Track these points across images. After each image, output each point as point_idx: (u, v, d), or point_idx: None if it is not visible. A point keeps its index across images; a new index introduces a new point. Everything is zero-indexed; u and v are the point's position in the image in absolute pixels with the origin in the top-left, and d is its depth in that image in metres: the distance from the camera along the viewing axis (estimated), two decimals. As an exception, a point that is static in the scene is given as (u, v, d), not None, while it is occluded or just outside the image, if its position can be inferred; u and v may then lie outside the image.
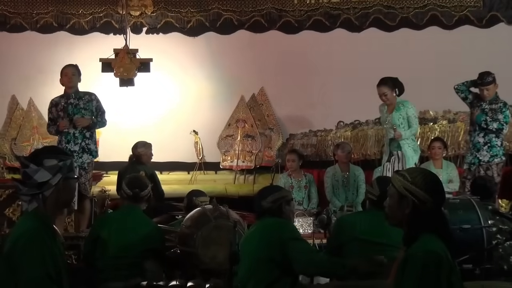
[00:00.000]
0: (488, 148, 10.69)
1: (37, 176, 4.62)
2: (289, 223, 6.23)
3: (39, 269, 4.47)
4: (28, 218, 4.77)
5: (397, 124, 10.50)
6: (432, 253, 4.28)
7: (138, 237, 7.66)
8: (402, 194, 4.42)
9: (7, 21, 14.22)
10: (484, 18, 14.05)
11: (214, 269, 7.36)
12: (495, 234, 7.86)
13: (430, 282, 4.24)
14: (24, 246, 4.53)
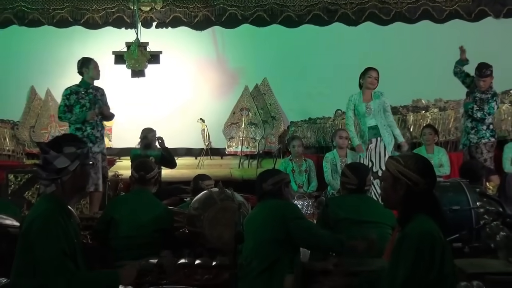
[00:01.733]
0: (475, 132, 10.95)
1: (56, 162, 4.66)
2: (290, 204, 6.29)
3: (54, 247, 4.48)
4: (45, 200, 4.79)
5: (378, 110, 10.39)
6: (427, 233, 4.30)
7: (149, 218, 7.68)
8: (396, 177, 4.45)
9: (25, 17, 14.21)
10: (473, 13, 14.04)
11: (220, 248, 7.34)
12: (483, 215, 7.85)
13: (425, 260, 4.26)
14: (40, 226, 4.54)
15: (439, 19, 14.16)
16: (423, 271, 4.26)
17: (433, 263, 4.28)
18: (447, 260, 4.38)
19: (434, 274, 4.27)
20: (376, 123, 10.45)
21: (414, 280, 4.27)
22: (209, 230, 7.52)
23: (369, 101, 10.43)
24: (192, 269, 6.76)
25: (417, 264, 4.27)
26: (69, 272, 4.54)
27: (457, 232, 7.43)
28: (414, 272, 4.26)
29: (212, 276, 6.71)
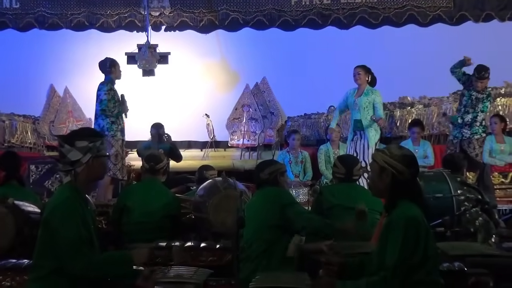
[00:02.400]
0: (469, 127, 10.75)
1: (70, 155, 4.66)
2: (285, 191, 6.30)
3: (72, 233, 4.48)
4: (64, 189, 4.79)
5: (363, 107, 10.39)
6: (412, 219, 4.34)
7: (158, 205, 7.71)
8: (382, 167, 4.50)
9: (45, 21, 14.19)
10: (454, 17, 14.01)
11: (223, 232, 7.36)
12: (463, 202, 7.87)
13: (411, 243, 4.30)
14: (60, 214, 4.55)
15: (423, 23, 14.12)
16: (409, 253, 4.30)
17: (417, 246, 4.31)
18: (430, 243, 4.41)
19: (419, 256, 4.31)
20: (360, 117, 10.45)
21: (402, 262, 4.30)
22: (213, 216, 7.54)
23: (359, 96, 10.48)
24: (198, 251, 6.78)
25: (404, 247, 4.31)
26: (86, 256, 4.55)
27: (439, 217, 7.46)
28: (401, 255, 4.30)
29: (216, 257, 6.73)
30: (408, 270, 4.34)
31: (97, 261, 4.61)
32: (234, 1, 14.28)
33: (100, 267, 4.62)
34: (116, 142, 10.24)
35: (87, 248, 4.56)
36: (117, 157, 10.24)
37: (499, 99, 13.57)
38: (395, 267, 4.31)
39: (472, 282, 5.22)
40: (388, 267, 4.35)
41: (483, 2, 13.97)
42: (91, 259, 4.56)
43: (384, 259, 4.40)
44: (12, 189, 7.62)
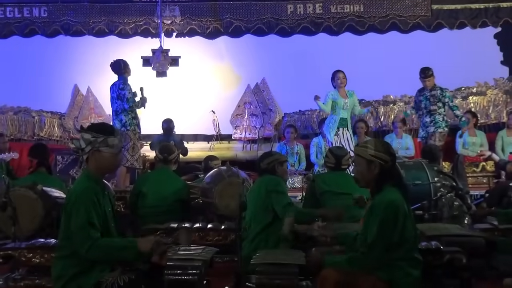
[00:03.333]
0: (433, 123, 10.84)
1: (79, 142, 4.70)
2: (276, 179, 6.22)
3: (82, 219, 4.49)
4: (81, 178, 4.84)
5: (350, 107, 10.81)
6: (391, 202, 4.39)
7: (170, 191, 7.74)
8: (369, 160, 4.53)
9: (70, 28, 14.16)
10: (431, 25, 13.98)
11: (228, 215, 7.38)
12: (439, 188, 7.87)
13: (390, 224, 4.34)
14: (73, 201, 4.58)
15: (404, 30, 14.10)
16: (389, 233, 4.36)
17: (396, 226, 4.38)
18: (408, 225, 4.44)
19: (396, 236, 4.38)
20: (346, 116, 10.83)
21: (380, 241, 4.38)
22: (218, 201, 7.58)
23: (345, 97, 10.77)
24: (205, 232, 6.80)
25: (383, 227, 4.38)
26: (92, 239, 4.54)
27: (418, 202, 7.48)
28: (379, 234, 4.37)
29: (221, 237, 6.76)
30: (389, 248, 4.38)
31: (104, 245, 4.59)
32: (237, 10, 14.23)
33: (105, 251, 4.61)
34: (134, 135, 10.26)
35: (94, 234, 4.56)
36: (134, 149, 10.26)
37: (471, 97, 13.62)
38: (372, 244, 4.38)
39: (447, 259, 5.23)
40: (367, 244, 4.43)
41: (457, 12, 13.94)
42: (97, 243, 4.55)
43: (366, 237, 4.48)
44: (41, 176, 7.64)
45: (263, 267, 4.63)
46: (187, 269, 4.60)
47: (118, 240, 4.78)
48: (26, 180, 7.61)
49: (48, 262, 5.23)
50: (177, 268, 4.60)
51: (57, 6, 14.16)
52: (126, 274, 4.63)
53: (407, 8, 14.04)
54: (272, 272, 4.56)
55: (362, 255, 4.49)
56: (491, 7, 13.84)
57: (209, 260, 5.07)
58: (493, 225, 6.63)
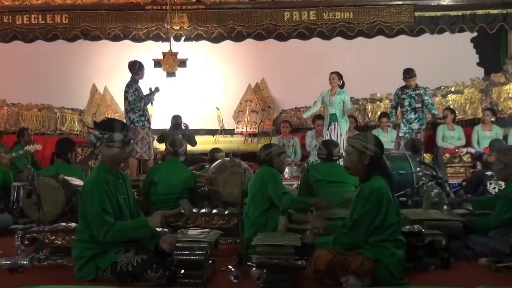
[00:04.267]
0: (417, 120, 10.83)
1: (90, 137, 4.83)
2: (272, 171, 6.16)
3: (96, 206, 4.52)
4: (96, 169, 4.90)
5: (337, 103, 10.76)
6: (376, 189, 4.46)
7: (179, 180, 7.75)
8: (361, 151, 4.58)
9: (88, 33, 14.15)
10: (414, 30, 13.96)
11: (231, 201, 7.38)
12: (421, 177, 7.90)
13: (373, 208, 4.42)
14: (88, 190, 4.64)
15: (390, 35, 14.08)
16: (372, 216, 4.45)
17: (380, 211, 4.47)
18: (391, 211, 4.48)
19: (379, 220, 4.47)
20: (335, 112, 10.79)
21: (362, 222, 4.49)
22: (222, 188, 7.58)
23: (333, 95, 10.81)
24: (210, 217, 6.79)
25: (367, 211, 4.48)
26: (107, 225, 4.57)
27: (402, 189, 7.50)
28: (363, 216, 4.49)
29: (225, 221, 6.74)
30: (374, 231, 4.43)
31: (118, 228, 4.63)
32: (239, 17, 14.19)
33: (120, 233, 4.65)
34: (142, 130, 10.25)
35: (108, 219, 4.58)
36: (143, 142, 10.27)
37: (450, 95, 13.64)
38: (354, 224, 4.51)
39: (428, 241, 5.25)
40: (349, 224, 4.57)
41: (437, 19, 13.92)
42: (112, 227, 4.60)
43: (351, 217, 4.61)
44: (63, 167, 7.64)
45: (262, 248, 4.63)
46: (194, 250, 4.60)
47: (130, 222, 4.82)
48: (49, 170, 7.61)
49: (69, 244, 5.24)
50: (185, 249, 4.60)
51: (77, 14, 14.16)
52: (139, 255, 4.66)
53: (392, 15, 14.01)
54: (270, 253, 4.57)
55: (344, 234, 4.58)
56: (468, 14, 13.84)
57: (214, 242, 5.07)
58: (470, 211, 6.63)
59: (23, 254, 5.52)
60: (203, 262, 4.61)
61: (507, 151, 6.16)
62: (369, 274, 4.49)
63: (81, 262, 4.71)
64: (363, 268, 4.47)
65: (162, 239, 4.71)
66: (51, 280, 4.58)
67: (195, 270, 4.61)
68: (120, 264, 4.61)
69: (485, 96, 13.44)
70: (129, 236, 4.71)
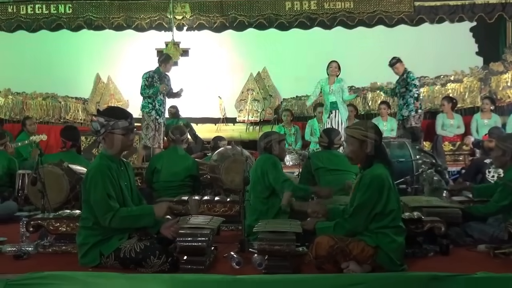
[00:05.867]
0: (406, 106, 10.97)
1: (94, 125, 4.78)
2: (272, 158, 6.09)
3: (100, 192, 4.53)
4: (98, 157, 4.92)
5: (337, 91, 10.90)
6: (377, 176, 4.45)
7: (182, 168, 7.77)
8: (362, 140, 4.59)
9: (92, 23, 14.11)
10: (414, 20, 13.90)
11: (233, 189, 7.40)
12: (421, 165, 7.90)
13: (375, 194, 4.43)
14: (90, 177, 4.66)
15: (390, 24, 14.02)
16: (372, 203, 4.47)
17: (381, 197, 4.47)
18: (392, 197, 4.48)
19: (380, 206, 4.47)
20: (335, 99, 10.93)
21: (363, 208, 4.49)
22: (224, 176, 7.59)
23: (333, 84, 10.94)
24: (212, 204, 6.79)
25: (368, 198, 4.48)
26: (112, 210, 4.57)
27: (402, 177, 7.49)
28: (364, 203, 4.49)
29: (227, 208, 6.74)
30: (375, 217, 4.43)
31: (123, 215, 4.64)
32: (241, 7, 14.15)
33: (126, 219, 4.66)
34: (148, 117, 10.34)
35: (113, 204, 4.59)
36: (147, 129, 10.33)
37: (449, 84, 13.61)
38: (355, 210, 4.50)
39: (428, 228, 5.25)
40: (350, 210, 4.56)
41: (436, 8, 13.86)
42: (118, 213, 4.60)
43: (352, 203, 4.60)
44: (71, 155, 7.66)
45: (264, 234, 4.63)
46: (197, 236, 4.60)
47: (135, 209, 4.83)
48: (54, 157, 7.62)
49: (73, 231, 5.24)
50: (188, 236, 4.60)
51: (80, 3, 14.11)
52: (142, 242, 4.66)
53: (392, 4, 13.96)
54: (272, 239, 4.56)
55: (344, 220, 4.57)
56: (467, 4, 13.78)
57: (216, 229, 5.07)
58: (469, 198, 6.63)
59: (28, 241, 5.52)
60: (205, 249, 4.61)
61: (506, 138, 6.15)
62: (370, 260, 4.49)
63: (85, 248, 4.72)
64: (363, 254, 4.47)
65: (164, 226, 4.71)
66: (56, 267, 4.57)
67: (198, 256, 4.61)
68: (123, 250, 4.62)
69: (484, 85, 13.41)
70: (133, 223, 4.72)
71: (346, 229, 4.57)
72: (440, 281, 3.96)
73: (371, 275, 4.27)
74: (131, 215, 4.70)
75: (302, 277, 4.22)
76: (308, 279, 4.08)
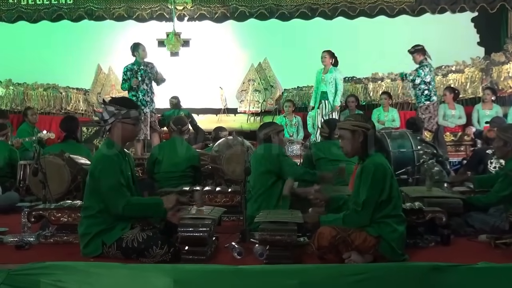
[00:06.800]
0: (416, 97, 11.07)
1: (103, 114, 4.77)
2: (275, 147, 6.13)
3: (113, 180, 4.53)
4: (103, 145, 4.89)
5: (329, 81, 11.08)
6: (380, 165, 4.46)
7: (183, 158, 7.76)
8: (353, 130, 4.61)
9: (93, 13, 14.08)
10: (415, 10, 13.86)
11: (234, 179, 7.41)
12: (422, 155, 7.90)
13: (379, 184, 4.43)
14: (101, 166, 4.66)
15: (391, 14, 13.99)
16: (378, 191, 4.48)
17: (384, 186, 4.49)
18: (394, 184, 4.50)
19: (386, 193, 4.49)
20: (325, 89, 11.13)
21: (372, 199, 4.48)
22: (226, 166, 7.61)
23: (325, 73, 11.12)
24: (214, 194, 6.81)
25: (373, 187, 4.49)
26: (125, 198, 4.58)
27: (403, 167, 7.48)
28: (371, 193, 4.49)
29: (228, 199, 6.76)
30: (378, 205, 4.44)
31: (136, 204, 4.67)
32: (242, -3, 14.20)
33: (138, 208, 4.68)
34: None
35: (125, 193, 4.62)
36: None
37: (450, 74, 13.57)
38: (364, 202, 4.47)
39: (429, 218, 5.26)
40: (359, 203, 4.51)
41: (438, -2, 13.87)
42: (129, 201, 4.61)
43: (357, 197, 4.55)
44: (70, 145, 7.66)
45: (265, 224, 4.64)
46: (198, 227, 4.60)
47: (146, 199, 4.90)
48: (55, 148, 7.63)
49: (75, 221, 5.25)
50: (189, 226, 4.61)
51: (81, -6, 14.12)
52: (145, 232, 4.68)
53: (393, -6, 13.96)
54: (273, 229, 4.57)
55: (356, 213, 4.54)
56: (469, -6, 13.77)
57: (217, 219, 5.08)
58: (470, 188, 6.63)
59: (30, 231, 5.54)
60: (206, 239, 4.62)
61: (507, 128, 6.15)
62: (372, 250, 4.49)
63: (87, 238, 4.72)
64: (366, 244, 4.47)
65: (170, 214, 4.72)
66: (57, 257, 4.58)
67: (199, 247, 4.62)
68: (125, 240, 4.63)
69: (486, 75, 13.37)
70: (144, 213, 4.78)
71: (358, 223, 4.53)
72: (441, 271, 3.96)
73: (373, 265, 4.27)
74: (143, 205, 4.74)
75: (304, 267, 4.22)
76: (309, 269, 4.08)
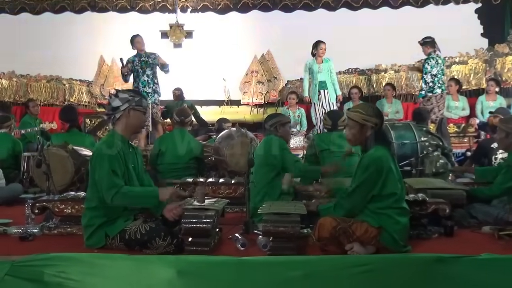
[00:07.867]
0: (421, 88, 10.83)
1: (113, 102, 4.77)
2: (279, 140, 6.14)
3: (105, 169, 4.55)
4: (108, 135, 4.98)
5: (326, 70, 11.03)
6: (378, 158, 4.50)
7: (186, 150, 7.78)
8: (362, 124, 4.60)
9: (96, 5, 14.13)
10: (419, 1, 13.87)
11: (237, 171, 7.40)
12: (426, 147, 7.87)
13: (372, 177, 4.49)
14: (96, 154, 4.69)
15: (395, 6, 14.00)
16: (369, 184, 4.49)
17: (378, 180, 4.48)
18: (391, 180, 4.50)
19: (377, 189, 4.49)
20: (324, 79, 11.02)
21: (359, 189, 4.54)
22: (229, 158, 7.61)
23: (321, 63, 11.05)
24: (217, 186, 6.81)
25: (365, 179, 4.52)
26: (116, 186, 4.58)
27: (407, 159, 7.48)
28: (361, 184, 4.52)
29: (231, 190, 6.76)
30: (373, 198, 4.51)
31: (127, 192, 4.65)
32: (245, -12, 14.17)
33: (129, 197, 4.67)
34: None
35: (117, 181, 4.61)
36: None
37: (454, 66, 13.53)
38: (351, 191, 4.58)
39: (432, 209, 5.25)
40: (347, 191, 4.63)
41: (442, -11, 13.84)
42: (121, 190, 4.60)
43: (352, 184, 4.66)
44: (73, 136, 7.68)
45: (268, 216, 4.63)
46: (201, 218, 4.60)
47: (140, 189, 4.86)
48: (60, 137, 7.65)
49: (78, 213, 5.26)
50: (193, 217, 4.60)
51: (84, -15, 14.11)
52: (148, 223, 4.68)
53: (397, -15, 13.93)
54: (276, 221, 4.56)
55: (342, 198, 4.61)
56: (472, -15, 13.74)
57: (221, 210, 5.07)
58: (473, 179, 6.64)
59: (34, 222, 5.55)
60: (210, 230, 4.61)
61: (510, 120, 6.13)
62: (373, 241, 4.49)
63: (90, 230, 4.73)
64: (367, 235, 4.47)
65: (166, 209, 4.72)
66: (61, 248, 4.58)
67: (202, 238, 4.61)
68: (128, 232, 4.63)
69: (489, 66, 13.34)
70: (136, 202, 4.74)
71: (344, 209, 4.59)
72: (444, 263, 3.96)
73: (375, 257, 4.27)
74: (134, 194, 4.71)
75: (307, 258, 4.22)
76: (312, 261, 4.08)
